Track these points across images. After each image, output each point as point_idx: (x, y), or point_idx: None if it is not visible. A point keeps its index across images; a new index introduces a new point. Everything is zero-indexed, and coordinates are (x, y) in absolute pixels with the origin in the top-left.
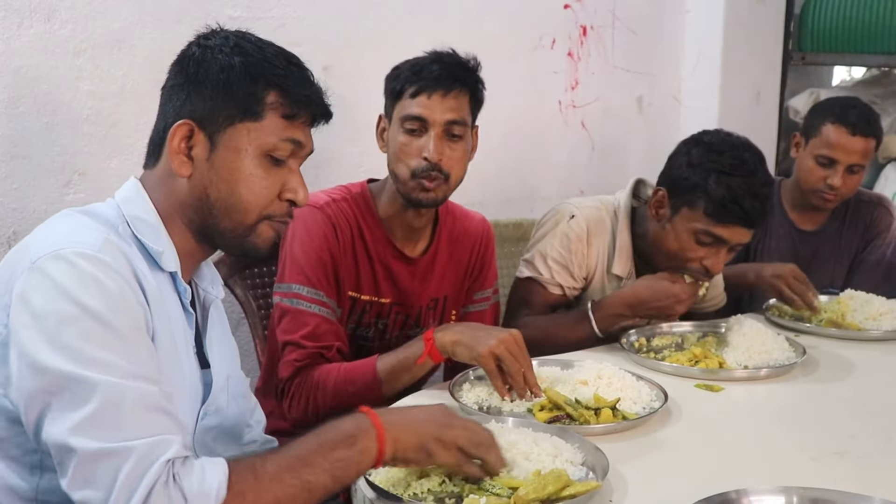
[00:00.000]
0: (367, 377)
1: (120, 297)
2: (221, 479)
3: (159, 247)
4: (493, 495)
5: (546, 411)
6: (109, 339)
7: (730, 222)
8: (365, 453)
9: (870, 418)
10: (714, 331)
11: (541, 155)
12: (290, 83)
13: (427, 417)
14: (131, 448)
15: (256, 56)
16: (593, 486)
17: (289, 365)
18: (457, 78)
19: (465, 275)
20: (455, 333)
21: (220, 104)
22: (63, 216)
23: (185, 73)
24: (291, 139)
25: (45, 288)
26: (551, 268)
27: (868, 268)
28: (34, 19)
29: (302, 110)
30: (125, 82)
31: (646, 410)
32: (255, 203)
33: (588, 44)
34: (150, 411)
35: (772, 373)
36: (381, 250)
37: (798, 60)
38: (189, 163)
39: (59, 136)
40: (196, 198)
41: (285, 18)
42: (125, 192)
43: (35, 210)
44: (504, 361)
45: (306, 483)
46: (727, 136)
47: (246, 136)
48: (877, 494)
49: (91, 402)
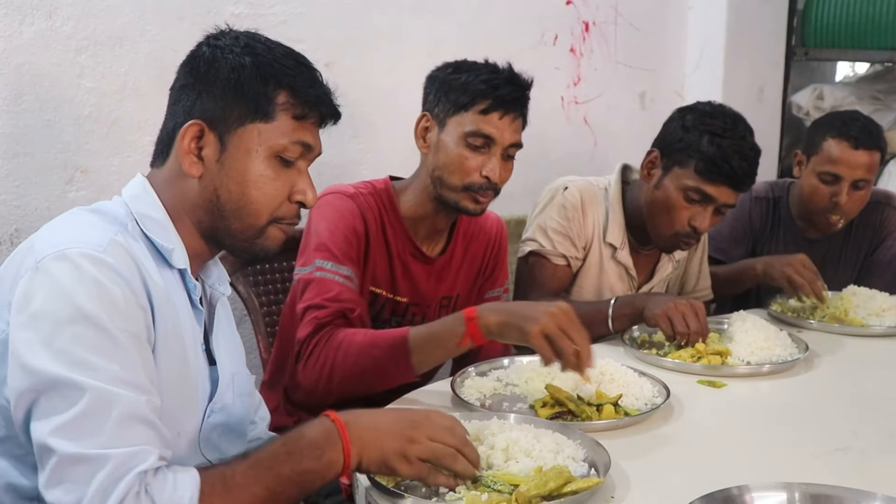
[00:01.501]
0: (395, 342)
1: (121, 302)
2: (193, 490)
3: (169, 244)
4: (495, 491)
5: (548, 407)
6: (103, 343)
7: (718, 181)
8: (331, 466)
9: (872, 414)
10: (717, 327)
11: (543, 151)
12: (301, 83)
13: (393, 430)
14: (108, 456)
15: (267, 56)
16: (595, 482)
17: (309, 323)
18: (525, 101)
19: (478, 273)
20: (501, 314)
21: (230, 104)
22: (71, 214)
23: (195, 74)
24: (301, 141)
25: (46, 288)
26: (553, 239)
27: (879, 269)
28: (36, 16)
29: (312, 111)
30: (127, 79)
31: (648, 407)
32: (266, 204)
33: (590, 40)
34: (133, 421)
35: (774, 369)
36: (402, 248)
37: (801, 56)
38: (199, 163)
39: (61, 133)
40: (206, 199)
41: (287, 15)
42: (133, 190)
43: (37, 208)
44: (555, 341)
45: (274, 494)
46: (720, 105)
47: (257, 136)
48: (879, 490)
49: (76, 406)
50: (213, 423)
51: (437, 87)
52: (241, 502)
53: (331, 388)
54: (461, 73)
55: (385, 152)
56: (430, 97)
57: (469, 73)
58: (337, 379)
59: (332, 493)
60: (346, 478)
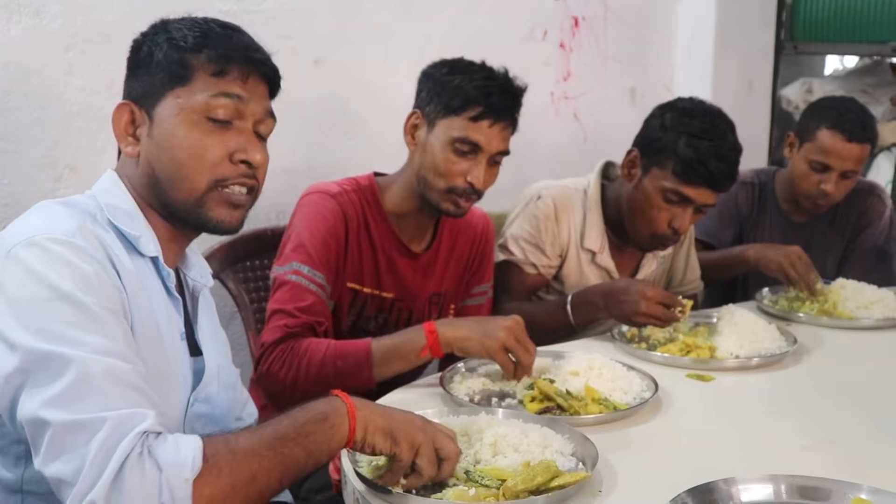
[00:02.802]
0: (358, 354)
1: (94, 280)
2: (196, 451)
3: (136, 231)
4: (483, 486)
5: (537, 402)
6: (82, 319)
7: (696, 183)
8: (336, 429)
9: (860, 407)
10: (706, 321)
11: (533, 146)
12: (212, 42)
13: (403, 415)
14: (104, 418)
15: (178, 27)
16: (582, 476)
17: (277, 329)
18: (517, 109)
19: (465, 269)
20: (461, 329)
21: (150, 79)
22: (38, 207)
23: (128, 59)
24: (224, 93)
25: (19, 274)
26: (523, 248)
27: (860, 255)
28: (23, 14)
29: (229, 64)
30: (115, 77)
31: (636, 401)
32: (196, 167)
33: (580, 35)
34: (122, 386)
35: (763, 362)
36: (387, 244)
37: (790, 50)
38: (135, 142)
39: (50, 131)
40: (146, 175)
41: (276, 11)
42: (102, 184)
43: (26, 205)
44: (516, 353)
45: (280, 456)
46: (701, 103)
47: (176, 101)
48: (866, 482)
49: (64, 377)
50: (197, 413)
51: (430, 86)
52: (247, 465)
53: (294, 393)
54: (456, 74)
55: (375, 148)
56: (423, 95)
57: (464, 75)
58: (300, 386)
59: (322, 488)
60: (336, 472)
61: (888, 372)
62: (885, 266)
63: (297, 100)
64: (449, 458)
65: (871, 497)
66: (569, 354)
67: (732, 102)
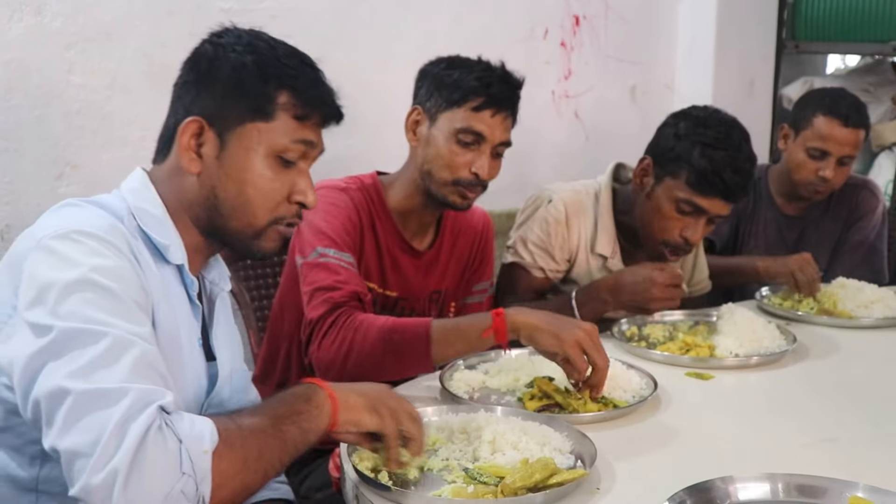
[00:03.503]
0: (417, 329)
1: (123, 272)
2: (211, 426)
3: (165, 240)
4: (481, 483)
5: (535, 400)
6: (112, 304)
7: (710, 194)
8: (321, 409)
9: (859, 405)
10: (705, 319)
11: (534, 145)
12: (302, 84)
13: (372, 387)
14: (127, 389)
15: (269, 55)
16: (580, 473)
17: (324, 303)
18: (516, 101)
19: (465, 267)
20: (533, 317)
21: (230, 102)
22: (69, 205)
23: (197, 71)
24: (303, 140)
25: (50, 262)
26: (532, 252)
27: (850, 248)
28: (25, 12)
29: (314, 111)
30: (116, 75)
31: (635, 399)
32: (263, 205)
33: (581, 33)
34: (147, 367)
35: (762, 360)
36: (391, 242)
37: (791, 49)
38: (198, 160)
39: (51, 128)
40: (204, 196)
41: (277, 10)
42: (131, 183)
43: (28, 203)
44: (590, 353)
45: (280, 433)
46: (715, 111)
47: (256, 136)
48: (865, 480)
49: (92, 348)
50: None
51: (429, 82)
52: (255, 442)
53: (345, 370)
54: (454, 69)
55: (376, 147)
56: (422, 91)
57: (462, 69)
58: (353, 361)
59: (322, 486)
60: (335, 470)
61: (887, 371)
62: (874, 261)
63: None
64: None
65: (869, 495)
66: None
67: (733, 101)
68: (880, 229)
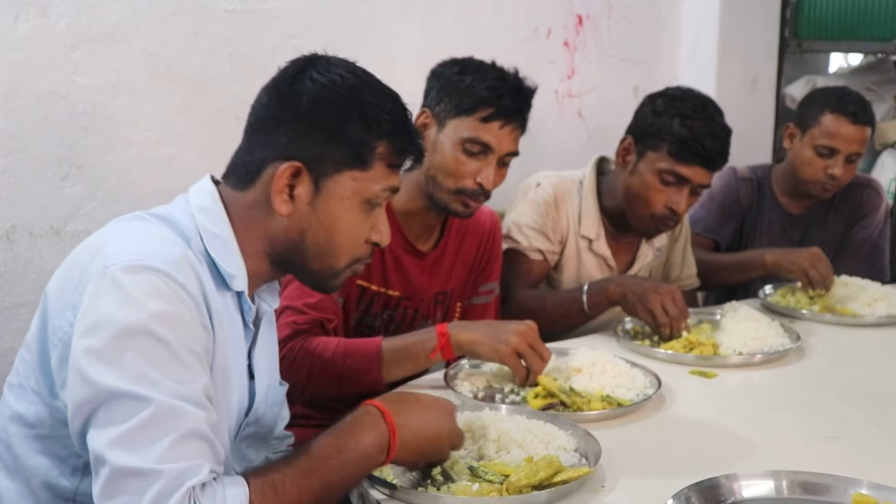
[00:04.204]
0: (368, 354)
1: (186, 320)
2: (243, 499)
3: (232, 269)
4: (486, 481)
5: (540, 398)
6: (166, 359)
7: (691, 161)
8: (375, 466)
9: (863, 403)
10: (709, 317)
11: (537, 144)
12: (399, 132)
13: (432, 436)
14: (161, 472)
15: (372, 102)
16: (584, 471)
17: (286, 326)
18: (527, 111)
19: (471, 268)
20: (473, 332)
21: (331, 149)
22: (140, 221)
23: (296, 108)
24: (391, 188)
25: (114, 297)
26: (528, 235)
27: (854, 246)
28: (30, 13)
29: (404, 158)
30: (121, 75)
31: (639, 397)
32: (349, 249)
33: (584, 33)
34: (192, 437)
35: (766, 359)
36: (394, 243)
37: (794, 48)
38: (290, 202)
39: (57, 129)
40: (290, 238)
41: (280, 10)
42: (201, 200)
43: (33, 204)
44: (528, 359)
45: (319, 500)
46: (689, 89)
47: (352, 184)
48: (869, 477)
49: (136, 417)
50: (245, 434)
51: (440, 85)
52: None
53: (304, 392)
54: (467, 74)
55: None
56: (433, 94)
57: (475, 75)
58: (312, 385)
59: None
60: None
61: (891, 369)
62: (877, 259)
63: None
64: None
65: (872, 492)
66: (573, 351)
67: (736, 100)
68: (883, 227)
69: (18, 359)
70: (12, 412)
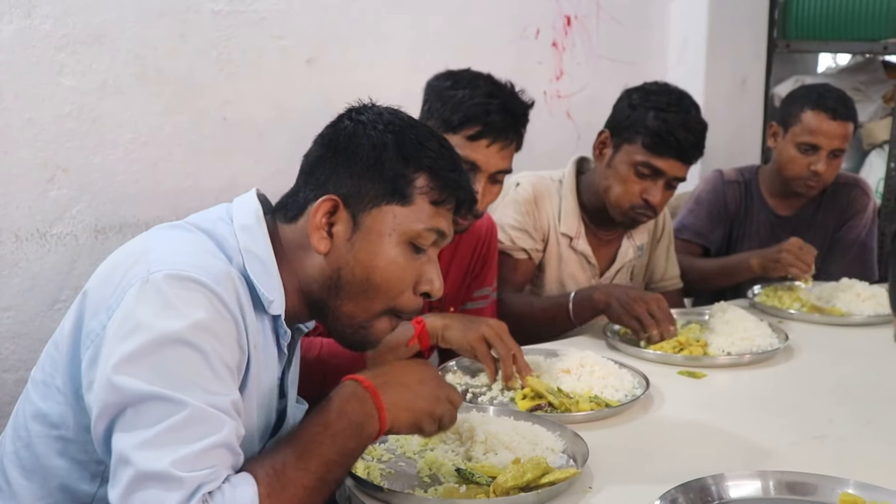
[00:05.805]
0: (353, 353)
1: (223, 335)
2: (252, 497)
3: (271, 295)
4: (473, 483)
5: (528, 400)
6: (201, 368)
7: (666, 154)
8: (370, 437)
9: (850, 402)
10: (697, 318)
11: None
12: (442, 167)
13: (423, 391)
14: (182, 480)
15: (409, 135)
16: (572, 473)
17: None
18: (518, 129)
19: (466, 272)
20: (446, 319)
21: (368, 182)
22: (186, 231)
23: (335, 146)
24: (436, 228)
25: (155, 303)
26: (511, 234)
27: (842, 246)
28: (14, 14)
29: (450, 196)
30: (107, 77)
31: (627, 398)
32: (387, 292)
33: (572, 34)
34: (221, 446)
35: (754, 359)
36: None
37: (783, 48)
38: (328, 239)
39: (42, 131)
40: (326, 275)
41: (268, 12)
42: (245, 218)
43: (18, 206)
44: (494, 345)
45: (323, 479)
46: (665, 84)
47: (392, 219)
48: (856, 477)
49: (165, 421)
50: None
51: (433, 98)
52: (297, 497)
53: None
54: (458, 88)
55: None
56: (425, 108)
57: (466, 89)
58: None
59: None
60: None
61: (879, 368)
62: (866, 259)
63: (290, 100)
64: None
65: (859, 492)
66: (561, 352)
67: (725, 101)
68: (871, 227)
69: (45, 355)
70: (36, 409)
